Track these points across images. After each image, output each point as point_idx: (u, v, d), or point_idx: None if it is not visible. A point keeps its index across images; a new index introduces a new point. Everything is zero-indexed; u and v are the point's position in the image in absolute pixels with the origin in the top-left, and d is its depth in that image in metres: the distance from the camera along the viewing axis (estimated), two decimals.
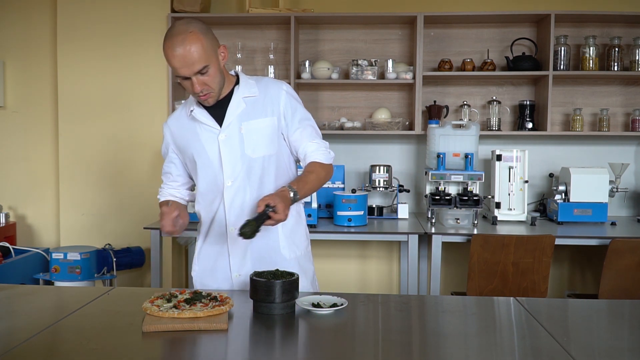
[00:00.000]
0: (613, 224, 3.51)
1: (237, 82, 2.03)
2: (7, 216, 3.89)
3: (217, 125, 1.98)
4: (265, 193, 1.97)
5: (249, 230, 1.73)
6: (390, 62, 3.77)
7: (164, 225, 1.98)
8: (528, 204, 3.73)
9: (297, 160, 2.12)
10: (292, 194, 1.85)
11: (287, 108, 2.01)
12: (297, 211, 2.09)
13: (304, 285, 2.05)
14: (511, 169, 3.55)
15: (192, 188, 2.16)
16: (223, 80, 1.96)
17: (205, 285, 2.09)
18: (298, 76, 3.80)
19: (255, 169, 1.99)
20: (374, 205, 3.76)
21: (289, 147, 2.06)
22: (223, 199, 2.00)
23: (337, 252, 4.10)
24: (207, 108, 1.99)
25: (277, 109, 2.00)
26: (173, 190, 2.14)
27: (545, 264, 2.96)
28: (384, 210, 3.79)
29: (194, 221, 2.22)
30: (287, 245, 2.05)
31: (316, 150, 2.01)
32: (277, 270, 1.78)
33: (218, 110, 1.99)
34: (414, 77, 3.73)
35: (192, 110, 2.00)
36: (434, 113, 3.84)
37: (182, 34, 1.81)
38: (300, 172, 2.05)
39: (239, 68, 3.82)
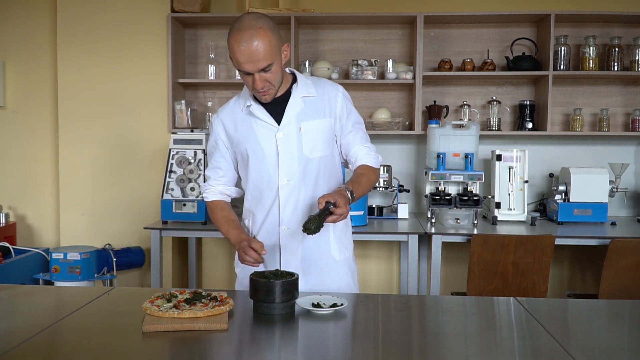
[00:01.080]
0: (613, 224, 3.51)
1: (294, 81, 2.02)
2: (7, 216, 3.89)
3: (275, 123, 1.97)
4: (319, 193, 1.99)
5: (314, 225, 1.73)
6: (390, 62, 3.77)
7: (250, 261, 1.84)
8: (528, 204, 3.73)
9: (344, 163, 2.13)
10: (349, 194, 1.86)
11: (343, 110, 2.03)
12: None
13: (350, 287, 2.07)
14: (511, 169, 3.55)
15: (238, 185, 2.13)
16: (282, 79, 1.95)
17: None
18: None
19: (311, 169, 1.99)
20: (374, 205, 3.76)
21: (339, 149, 2.08)
22: (278, 197, 1.99)
23: None
24: (264, 105, 1.98)
25: (333, 111, 2.02)
26: (222, 187, 2.09)
27: (545, 264, 2.96)
28: (384, 210, 3.79)
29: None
30: (337, 247, 2.06)
31: (367, 154, 2.05)
32: (277, 270, 1.78)
33: (275, 108, 1.98)
34: (414, 77, 3.73)
35: (249, 106, 1.99)
36: (434, 113, 3.84)
37: (251, 29, 1.79)
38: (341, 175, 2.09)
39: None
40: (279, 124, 1.97)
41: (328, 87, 2.04)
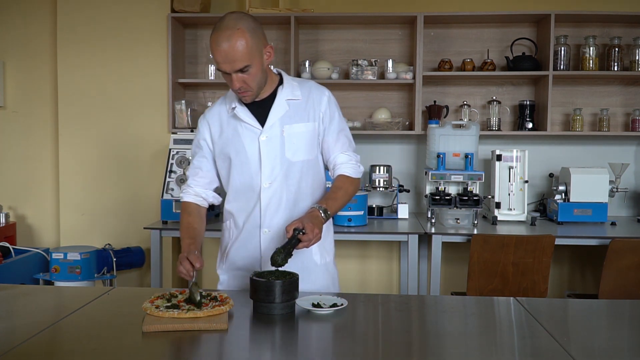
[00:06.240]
0: (613, 224, 3.51)
1: (281, 82, 2.00)
2: (7, 216, 3.89)
3: (259, 125, 1.96)
4: (302, 197, 1.99)
5: (280, 258, 1.72)
6: (390, 62, 3.77)
7: (182, 273, 1.78)
8: (528, 204, 3.73)
9: (326, 167, 2.12)
10: (322, 213, 1.86)
11: (326, 114, 2.01)
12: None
13: (329, 289, 2.07)
14: (511, 169, 3.55)
15: (217, 190, 2.11)
16: (265, 80, 1.93)
17: (231, 285, 2.07)
18: (298, 76, 3.80)
19: (294, 172, 1.98)
20: (374, 205, 3.76)
21: (321, 152, 2.06)
22: (259, 200, 1.98)
23: (337, 252, 4.05)
24: (249, 107, 1.97)
25: (317, 114, 2.00)
26: (200, 189, 2.06)
27: (545, 264, 2.96)
28: (384, 210, 3.79)
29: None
30: (318, 252, 2.06)
31: (346, 162, 2.03)
32: (277, 270, 1.78)
33: (260, 110, 1.97)
34: (414, 77, 3.73)
35: (234, 108, 1.98)
36: (434, 113, 3.84)
37: (229, 30, 1.78)
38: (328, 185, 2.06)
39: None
40: (263, 126, 1.96)
41: (314, 90, 2.02)
